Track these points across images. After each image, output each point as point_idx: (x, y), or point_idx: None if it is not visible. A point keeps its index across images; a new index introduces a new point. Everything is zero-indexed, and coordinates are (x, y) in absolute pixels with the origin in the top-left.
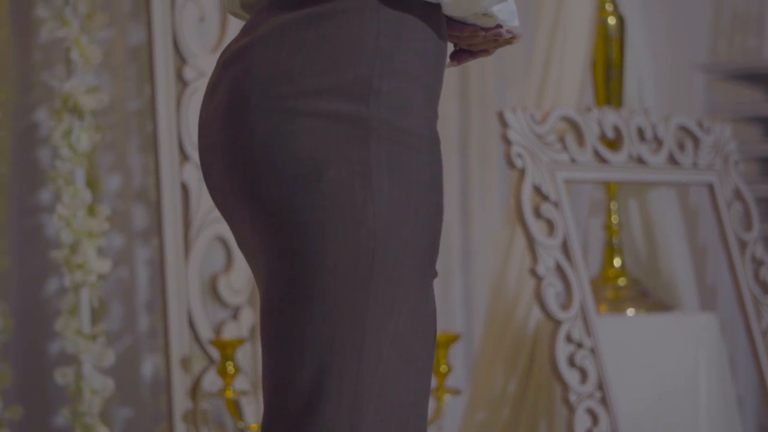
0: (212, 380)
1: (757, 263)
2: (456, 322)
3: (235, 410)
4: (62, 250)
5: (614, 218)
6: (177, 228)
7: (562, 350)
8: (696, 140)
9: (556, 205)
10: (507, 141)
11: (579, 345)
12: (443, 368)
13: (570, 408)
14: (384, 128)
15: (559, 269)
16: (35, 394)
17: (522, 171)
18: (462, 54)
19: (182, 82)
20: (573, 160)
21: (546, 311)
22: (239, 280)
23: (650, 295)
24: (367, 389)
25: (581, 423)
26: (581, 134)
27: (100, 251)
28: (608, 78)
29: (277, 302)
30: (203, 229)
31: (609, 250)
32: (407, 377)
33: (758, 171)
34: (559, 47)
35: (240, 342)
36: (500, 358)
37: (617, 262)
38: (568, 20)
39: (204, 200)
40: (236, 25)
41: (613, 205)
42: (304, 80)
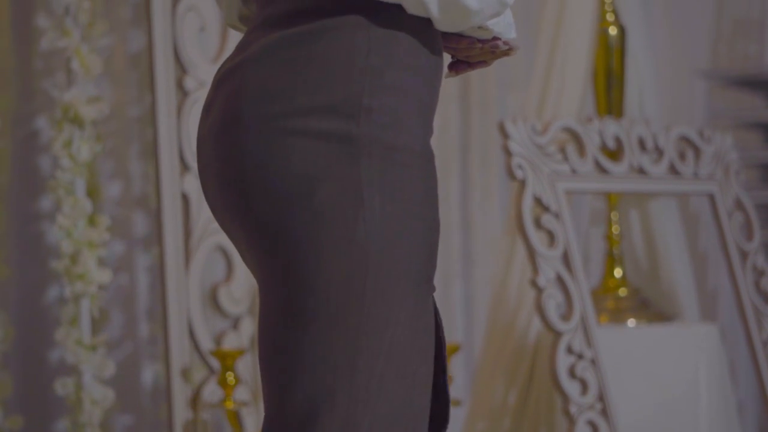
0: (212, 390)
1: (758, 273)
2: (457, 332)
3: (236, 421)
4: (62, 260)
5: (615, 228)
6: (177, 237)
7: (563, 362)
8: (697, 150)
9: (557, 216)
10: (508, 152)
11: (579, 356)
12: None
13: (570, 419)
14: (375, 146)
15: (560, 280)
16: (35, 404)
17: (523, 182)
18: (460, 65)
19: (183, 92)
20: (574, 171)
21: (547, 323)
22: (240, 290)
23: (651, 306)
24: (361, 406)
25: None
26: (582, 145)
27: (101, 261)
28: (609, 88)
29: (272, 319)
30: (204, 239)
31: (610, 260)
32: (404, 392)
33: (759, 177)
34: (561, 57)
35: (240, 353)
36: (501, 369)
37: (618, 273)
38: (569, 30)
39: (204, 210)
40: (236, 36)
41: (614, 215)
42: (295, 99)
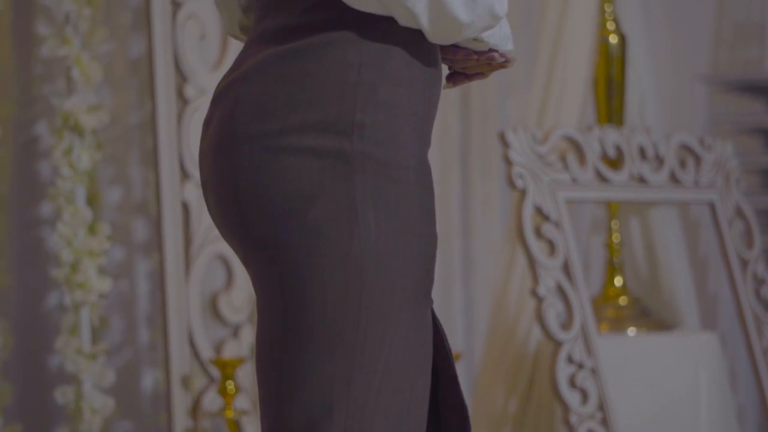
0: (212, 399)
1: (759, 281)
2: (457, 339)
3: (236, 430)
4: (63, 269)
5: (615, 237)
6: (177, 246)
7: (563, 371)
8: (697, 158)
9: (557, 225)
10: (508, 161)
11: (580, 366)
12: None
13: (571, 429)
14: (368, 162)
15: (560, 290)
16: (35, 412)
17: (523, 192)
18: (457, 76)
19: (183, 100)
20: (574, 180)
21: (547, 332)
22: (240, 299)
23: (651, 314)
24: (358, 421)
25: None
26: (582, 153)
27: (101, 270)
28: (610, 96)
29: (270, 334)
30: (204, 248)
31: (610, 269)
32: (402, 407)
33: (760, 183)
34: (561, 65)
35: (240, 361)
36: (501, 376)
37: (618, 281)
38: (570, 38)
39: (205, 219)
40: (237, 45)
41: (615, 224)
42: (288, 116)
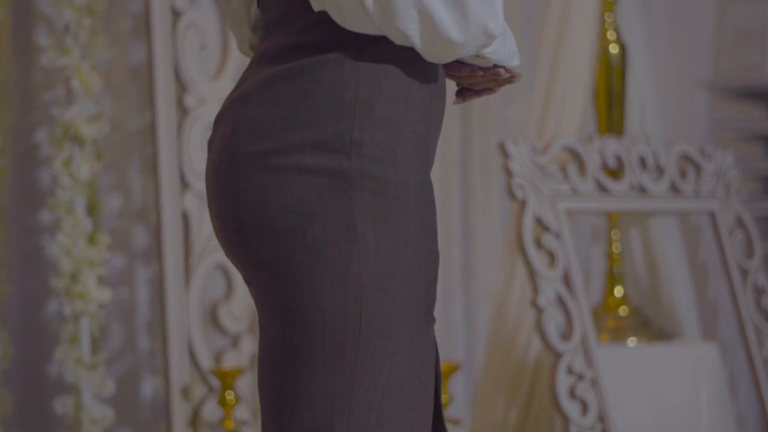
0: (212, 409)
1: (759, 291)
2: (457, 348)
3: None
4: (62, 279)
5: (616, 247)
6: (177, 255)
7: (563, 382)
8: (698, 168)
9: (558, 236)
10: (508, 172)
11: (580, 377)
12: (443, 398)
13: None
14: (367, 180)
15: (560, 301)
16: (35, 422)
17: (523, 202)
18: (466, 92)
19: (183, 110)
20: (574, 190)
21: (547, 344)
22: (240, 308)
23: (651, 325)
24: None
25: None
26: (583, 164)
27: (101, 280)
28: (610, 106)
29: (271, 351)
30: (204, 257)
31: (610, 279)
32: (404, 427)
33: (760, 190)
34: (562, 75)
35: (240, 371)
36: (501, 387)
37: (618, 291)
38: (570, 48)
39: (205, 228)
40: (237, 55)
41: (615, 234)
42: (286, 136)
